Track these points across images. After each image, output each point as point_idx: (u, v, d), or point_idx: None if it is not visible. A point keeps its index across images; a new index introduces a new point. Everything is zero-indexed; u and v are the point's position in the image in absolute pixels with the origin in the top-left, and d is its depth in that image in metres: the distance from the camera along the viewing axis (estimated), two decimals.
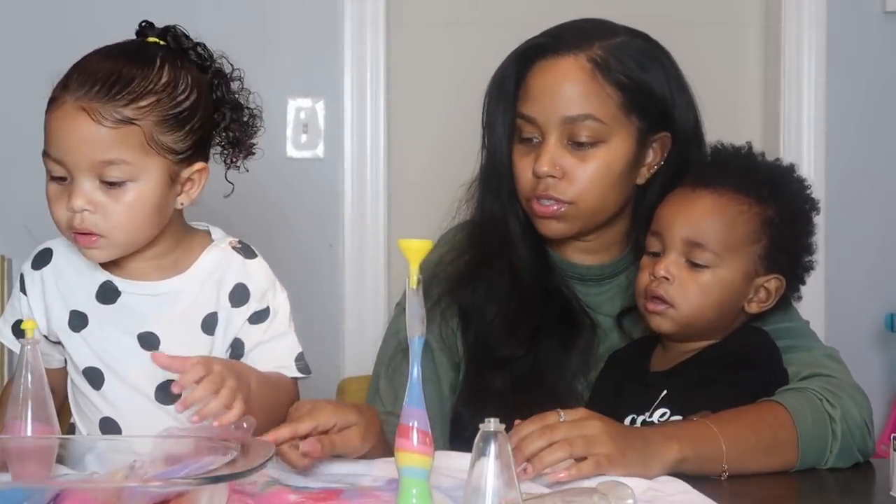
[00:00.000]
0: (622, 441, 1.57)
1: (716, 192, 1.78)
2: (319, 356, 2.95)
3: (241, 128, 1.74)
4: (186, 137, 1.66)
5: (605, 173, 1.85)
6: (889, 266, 3.28)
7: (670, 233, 1.79)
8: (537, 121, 1.85)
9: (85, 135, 1.60)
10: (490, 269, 1.91)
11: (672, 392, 1.75)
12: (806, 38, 3.22)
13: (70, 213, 1.63)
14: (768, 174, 1.83)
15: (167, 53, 1.68)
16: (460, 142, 2.02)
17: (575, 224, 1.88)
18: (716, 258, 1.76)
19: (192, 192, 1.69)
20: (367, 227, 3.15)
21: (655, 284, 1.78)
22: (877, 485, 1.68)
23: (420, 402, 1.32)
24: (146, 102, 1.62)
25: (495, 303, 1.89)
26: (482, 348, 1.88)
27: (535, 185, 1.86)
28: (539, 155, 1.85)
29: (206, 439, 1.38)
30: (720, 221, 1.77)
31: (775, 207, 1.79)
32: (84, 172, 1.61)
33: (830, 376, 1.78)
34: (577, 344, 1.89)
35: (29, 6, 3.05)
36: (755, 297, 1.80)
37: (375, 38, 3.12)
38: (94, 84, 1.61)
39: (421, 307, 1.32)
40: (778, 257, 1.79)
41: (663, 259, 1.78)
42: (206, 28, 1.70)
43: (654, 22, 2.07)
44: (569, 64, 1.84)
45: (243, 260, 1.74)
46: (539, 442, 1.55)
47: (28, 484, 1.38)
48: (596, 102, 1.83)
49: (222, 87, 1.73)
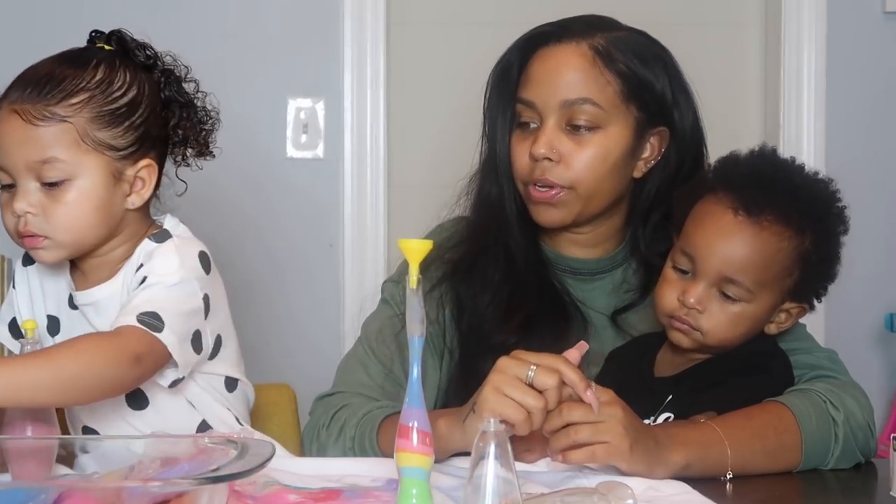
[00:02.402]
0: (633, 436, 1.57)
1: (757, 224, 1.72)
2: (319, 356, 2.97)
3: (192, 126, 1.73)
4: (126, 134, 1.65)
5: (602, 159, 1.85)
6: (889, 266, 3.28)
7: (705, 262, 1.73)
8: (536, 105, 1.86)
9: (18, 137, 1.61)
10: (486, 257, 1.91)
11: (678, 397, 1.74)
12: (806, 38, 3.22)
13: (15, 218, 1.63)
14: (811, 197, 1.77)
15: (108, 55, 1.69)
16: (460, 141, 2.02)
17: (571, 211, 1.88)
18: (749, 294, 1.73)
19: (143, 191, 1.68)
20: (367, 227, 3.15)
21: (684, 312, 1.74)
22: (877, 485, 1.68)
23: (420, 402, 1.32)
24: (77, 100, 1.63)
25: (490, 290, 1.89)
26: (475, 335, 1.88)
27: (532, 169, 1.86)
28: (536, 138, 1.85)
29: (206, 439, 1.38)
30: (759, 259, 1.72)
31: (812, 239, 1.74)
32: (23, 174, 1.62)
33: (833, 377, 1.78)
34: (568, 337, 1.89)
35: (29, 7, 3.05)
36: (776, 320, 1.78)
37: (375, 38, 3.13)
38: (26, 87, 1.63)
39: (421, 307, 1.32)
40: (806, 290, 1.78)
41: (694, 286, 1.73)
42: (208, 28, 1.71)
43: (655, 22, 2.07)
44: (570, 50, 1.86)
45: (154, 246, 1.69)
46: (556, 420, 1.56)
47: (28, 484, 1.38)
48: (595, 88, 1.84)
49: (171, 85, 1.72)
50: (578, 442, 1.55)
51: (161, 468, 1.35)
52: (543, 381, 1.53)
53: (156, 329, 1.58)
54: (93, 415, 1.70)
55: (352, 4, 3.12)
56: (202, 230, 1.77)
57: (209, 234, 1.79)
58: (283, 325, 3.11)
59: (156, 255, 1.66)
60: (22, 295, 1.75)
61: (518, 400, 1.51)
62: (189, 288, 1.65)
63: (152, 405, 1.69)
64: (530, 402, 1.52)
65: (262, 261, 3.13)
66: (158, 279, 1.63)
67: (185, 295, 1.64)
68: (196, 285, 1.66)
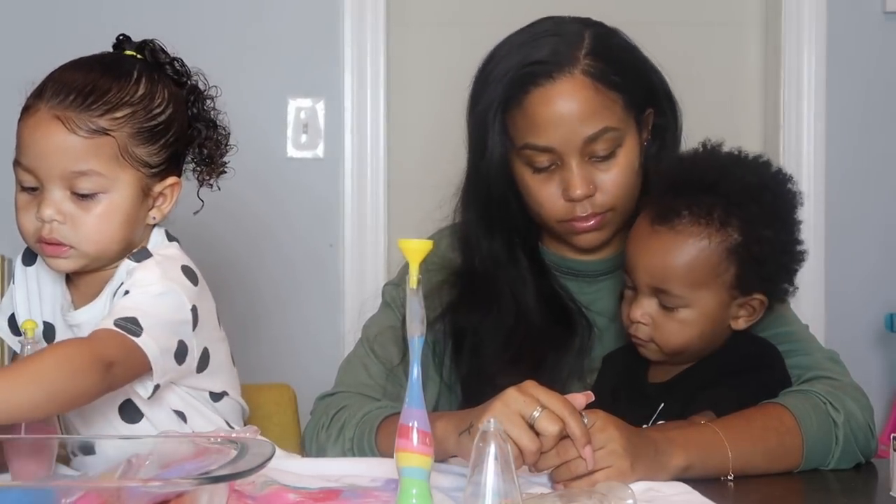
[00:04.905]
0: (633, 453, 1.55)
1: (672, 230, 1.72)
2: (319, 356, 2.97)
3: (215, 145, 1.72)
4: (160, 151, 1.64)
5: (630, 173, 1.86)
6: (889, 266, 3.28)
7: (636, 276, 1.76)
8: (556, 149, 1.83)
9: (58, 144, 1.59)
10: (489, 303, 1.89)
11: (670, 404, 1.74)
12: (806, 38, 3.22)
13: (39, 223, 1.61)
14: (733, 188, 1.73)
15: (144, 66, 1.67)
16: (460, 142, 2.02)
17: (613, 228, 1.89)
18: (685, 299, 1.72)
19: (163, 206, 1.68)
20: (367, 227, 3.15)
21: (634, 328, 1.76)
22: (877, 485, 1.68)
23: (420, 402, 1.32)
24: (122, 114, 1.61)
25: (499, 337, 1.87)
26: (478, 376, 1.86)
27: (572, 209, 1.85)
28: (569, 181, 1.83)
29: (206, 439, 1.38)
30: (680, 263, 1.72)
31: (739, 230, 1.71)
32: (55, 182, 1.60)
33: (833, 378, 1.77)
34: (571, 345, 1.88)
35: (28, 7, 3.05)
36: (740, 315, 1.77)
37: (375, 38, 3.13)
38: (69, 93, 1.60)
39: (421, 307, 1.32)
40: (750, 281, 1.74)
41: (636, 303, 1.75)
42: (208, 28, 1.71)
43: (655, 22, 2.08)
44: (569, 85, 1.82)
45: (134, 265, 1.66)
46: (555, 460, 1.53)
47: (28, 484, 1.38)
48: (607, 113, 1.83)
49: (198, 103, 1.72)
50: (579, 474, 1.53)
51: (161, 468, 1.35)
52: (545, 427, 1.50)
53: (133, 333, 1.53)
54: (87, 426, 1.68)
55: (352, 4, 3.12)
56: (202, 231, 1.77)
57: (209, 234, 1.80)
58: (283, 325, 3.11)
59: (136, 271, 1.63)
60: (20, 293, 1.74)
61: (514, 438, 1.48)
62: (175, 298, 1.61)
63: (147, 418, 1.68)
64: (525, 442, 1.49)
65: (262, 261, 3.13)
66: (142, 289, 1.60)
67: (171, 304, 1.61)
68: (183, 296, 1.62)
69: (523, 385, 1.53)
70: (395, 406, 1.78)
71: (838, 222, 3.24)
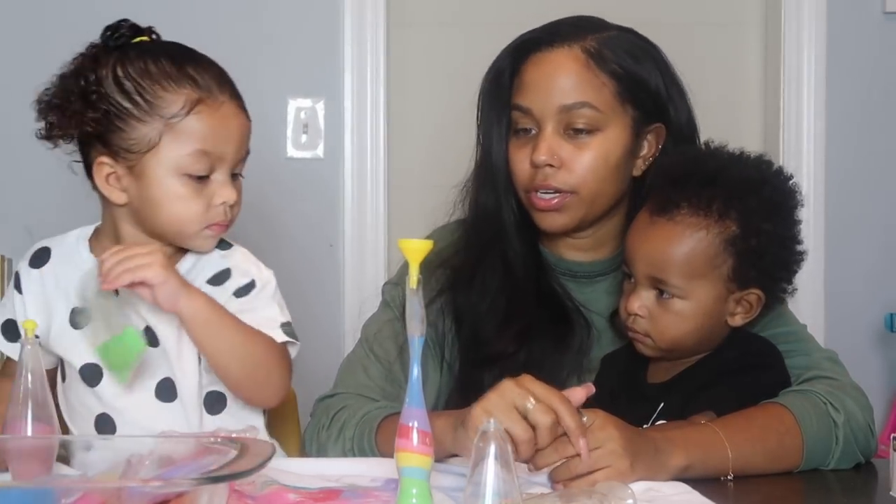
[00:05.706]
0: (633, 453, 1.55)
1: (671, 220, 1.74)
2: (319, 356, 2.97)
3: None
4: None
5: (603, 161, 1.85)
6: (889, 266, 3.28)
7: (635, 267, 1.77)
8: (533, 111, 1.86)
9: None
10: (484, 266, 1.91)
11: (670, 404, 1.74)
12: (806, 38, 3.22)
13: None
14: (732, 182, 1.75)
15: None
16: (460, 142, 2.02)
17: (576, 215, 1.88)
18: (682, 289, 1.74)
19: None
20: (367, 227, 3.15)
21: (631, 321, 1.77)
22: (877, 485, 1.68)
23: (420, 402, 1.32)
24: None
25: (487, 298, 1.89)
26: (474, 345, 1.88)
27: (534, 176, 1.86)
28: (536, 145, 1.85)
29: (206, 439, 1.38)
30: (678, 253, 1.73)
31: (737, 223, 1.73)
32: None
33: (833, 378, 1.77)
34: (570, 343, 1.88)
35: (28, 6, 3.05)
36: (737, 311, 1.77)
37: (375, 38, 3.13)
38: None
39: (421, 307, 1.32)
40: (747, 274, 1.74)
41: (634, 294, 1.77)
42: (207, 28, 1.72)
43: (655, 22, 2.08)
44: (563, 55, 1.86)
45: (219, 251, 1.77)
46: (553, 457, 1.54)
47: (28, 484, 1.38)
48: (591, 90, 1.84)
49: None
50: (578, 473, 1.53)
51: (161, 468, 1.35)
52: (537, 419, 1.49)
53: (293, 337, 1.72)
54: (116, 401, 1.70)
55: (352, 4, 3.12)
56: None
57: None
58: None
59: (234, 255, 1.77)
60: (33, 297, 1.74)
61: (507, 427, 1.47)
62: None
63: (179, 399, 1.70)
64: (518, 432, 1.48)
65: (261, 260, 3.12)
66: (266, 281, 1.77)
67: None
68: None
69: (520, 378, 1.54)
70: (394, 406, 1.78)
71: (838, 222, 3.24)
